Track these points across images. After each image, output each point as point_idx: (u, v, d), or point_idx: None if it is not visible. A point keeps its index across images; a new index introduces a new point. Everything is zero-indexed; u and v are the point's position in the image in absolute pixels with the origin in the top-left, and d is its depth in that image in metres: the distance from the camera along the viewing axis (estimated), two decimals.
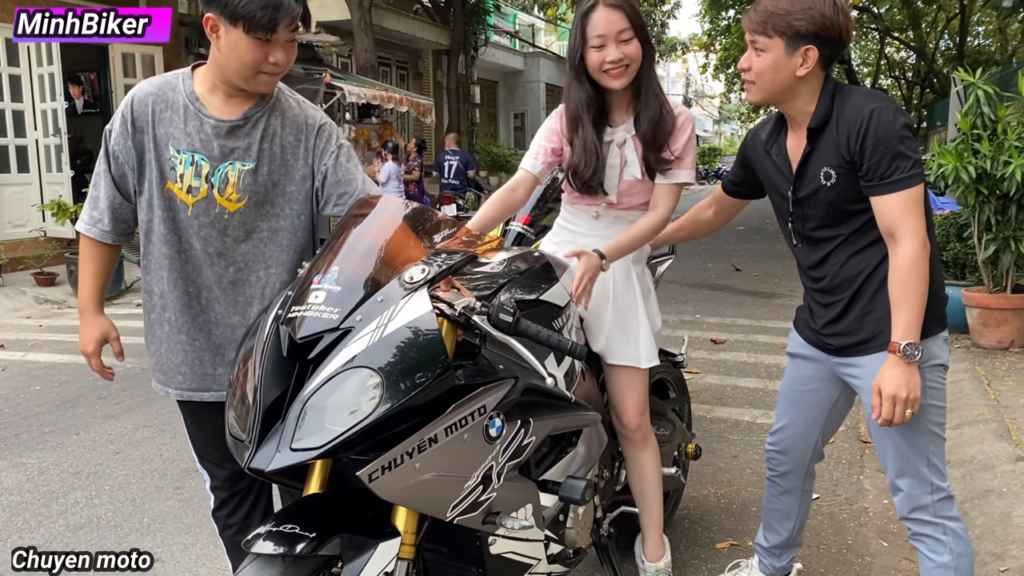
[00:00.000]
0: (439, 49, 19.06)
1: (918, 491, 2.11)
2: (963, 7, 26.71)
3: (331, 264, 1.78)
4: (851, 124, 2.02)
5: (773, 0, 2.07)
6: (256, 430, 1.60)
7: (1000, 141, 5.16)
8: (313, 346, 1.67)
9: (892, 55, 33.10)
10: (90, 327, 2.16)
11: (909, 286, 1.97)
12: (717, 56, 29.44)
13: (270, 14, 1.86)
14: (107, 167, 2.07)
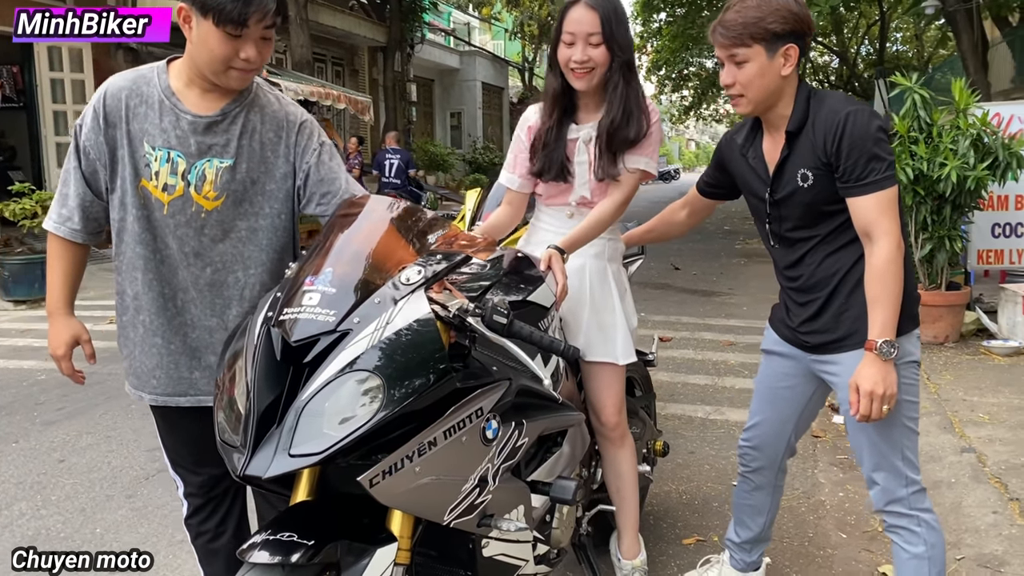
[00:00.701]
0: (375, 46, 18.87)
1: (893, 484, 2.16)
2: (883, 14, 27.59)
3: (323, 265, 1.74)
4: (827, 127, 2.06)
5: (740, 12, 2.09)
6: (251, 436, 1.56)
7: (935, 144, 5.36)
8: (308, 349, 1.63)
9: (816, 59, 34.03)
10: (60, 329, 2.06)
11: (885, 285, 2.01)
12: (649, 58, 29.85)
13: (240, 7, 1.79)
14: (77, 163, 1.98)
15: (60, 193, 2.01)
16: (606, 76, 2.37)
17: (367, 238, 1.87)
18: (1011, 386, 4.64)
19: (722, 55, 2.14)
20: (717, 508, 3.43)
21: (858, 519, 3.32)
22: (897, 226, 2.04)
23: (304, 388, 1.59)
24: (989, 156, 5.32)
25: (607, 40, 2.31)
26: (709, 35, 2.18)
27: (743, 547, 2.66)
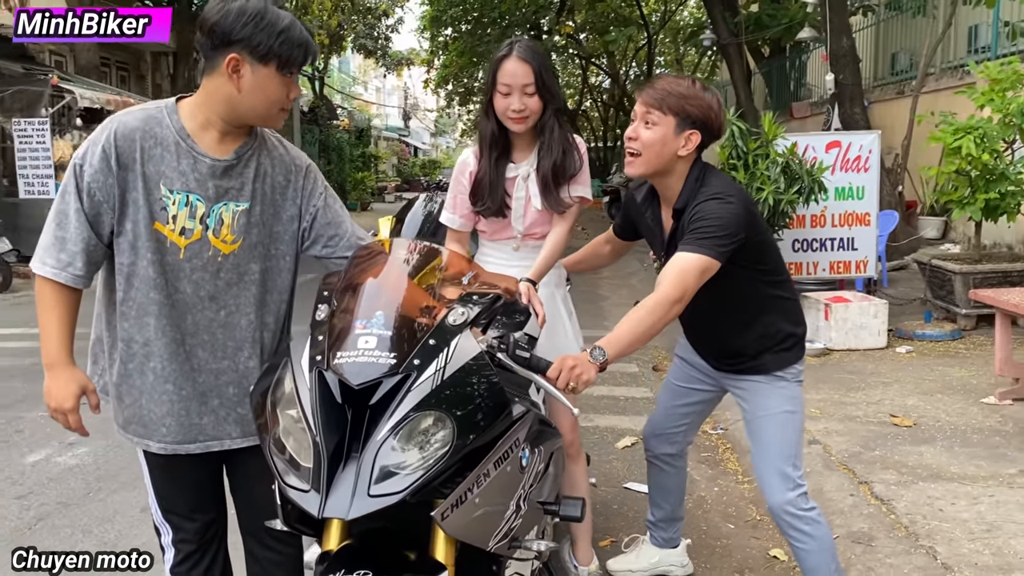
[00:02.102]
0: (159, 51, 17.84)
1: (784, 487, 2.48)
2: (650, 38, 29.82)
3: (371, 308, 1.80)
4: (692, 211, 2.31)
5: (672, 82, 2.33)
6: (323, 479, 1.60)
7: (752, 171, 6.03)
8: (368, 391, 1.68)
9: (591, 80, 36.11)
10: (66, 381, 1.96)
11: (640, 319, 2.13)
12: (437, 72, 30.39)
13: (303, 52, 1.89)
14: (79, 205, 1.89)
15: (55, 236, 1.91)
16: (541, 121, 2.60)
17: (401, 280, 1.96)
18: (827, 382, 5.34)
19: (639, 110, 2.34)
20: (617, 509, 3.72)
21: (737, 510, 3.74)
22: (679, 292, 2.16)
23: (376, 429, 1.65)
24: (796, 181, 6.06)
25: (540, 90, 2.55)
26: (636, 92, 2.42)
27: (659, 525, 3.01)
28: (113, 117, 1.95)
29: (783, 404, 2.53)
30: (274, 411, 1.76)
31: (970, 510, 3.37)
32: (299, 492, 1.65)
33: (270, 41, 1.83)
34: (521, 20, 25.48)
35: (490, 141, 2.65)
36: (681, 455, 2.94)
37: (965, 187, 6.48)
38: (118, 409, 2.05)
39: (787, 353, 2.53)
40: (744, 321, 2.49)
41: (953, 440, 4.17)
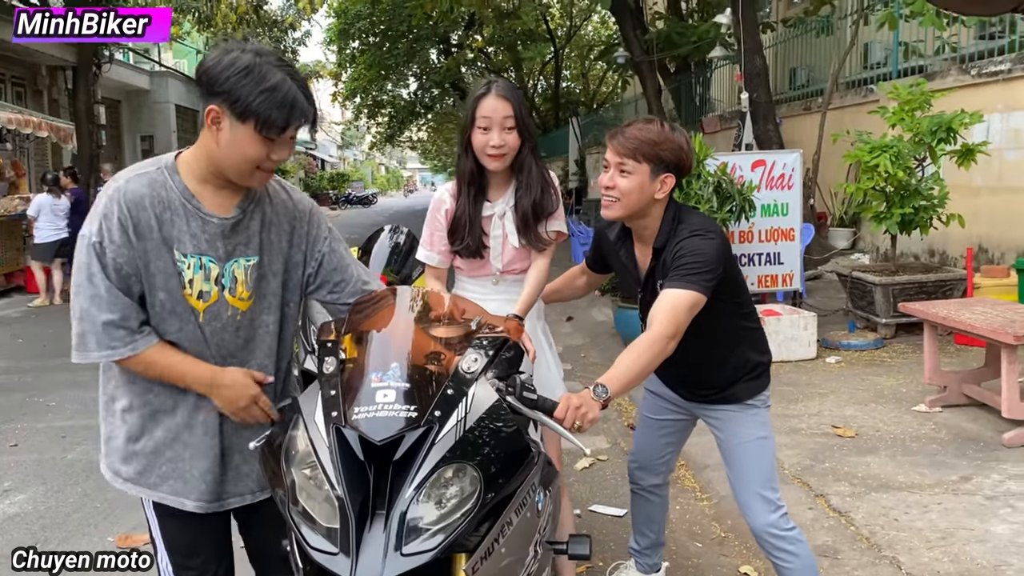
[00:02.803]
0: (55, 64, 17.09)
1: (766, 510, 2.55)
2: (557, 53, 30.25)
3: (387, 360, 1.77)
4: (673, 248, 2.37)
5: (642, 130, 2.36)
6: (353, 542, 1.57)
7: (687, 190, 6.19)
8: (389, 446, 1.65)
9: None
10: (232, 382, 1.91)
11: (639, 355, 2.17)
12: (345, 85, 30.08)
13: (285, 115, 1.78)
14: (109, 283, 1.81)
15: (105, 321, 1.82)
16: (518, 158, 2.64)
17: (409, 328, 1.95)
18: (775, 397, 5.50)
19: (612, 160, 2.38)
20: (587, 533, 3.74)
21: (701, 528, 3.82)
22: (673, 329, 2.21)
23: (403, 486, 1.62)
24: (728, 200, 6.26)
25: (519, 126, 2.58)
26: (606, 140, 2.43)
27: (644, 552, 3.06)
28: (116, 187, 1.86)
29: (757, 430, 2.61)
30: (289, 470, 1.71)
31: (923, 518, 3.54)
32: (327, 555, 1.59)
33: (250, 99, 1.74)
34: (430, 34, 25.50)
35: (468, 179, 2.66)
36: (665, 484, 3.00)
37: (881, 202, 6.81)
38: (148, 468, 1.97)
39: (756, 381, 2.62)
40: (721, 355, 2.56)
41: (895, 449, 4.37)
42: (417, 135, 40.47)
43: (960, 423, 4.73)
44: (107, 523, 3.93)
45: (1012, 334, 4.18)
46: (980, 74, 8.13)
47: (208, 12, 23.14)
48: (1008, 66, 7.80)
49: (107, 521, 3.95)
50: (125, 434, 1.97)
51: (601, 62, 24.89)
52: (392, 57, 26.78)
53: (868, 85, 10.65)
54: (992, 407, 4.71)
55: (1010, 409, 4.32)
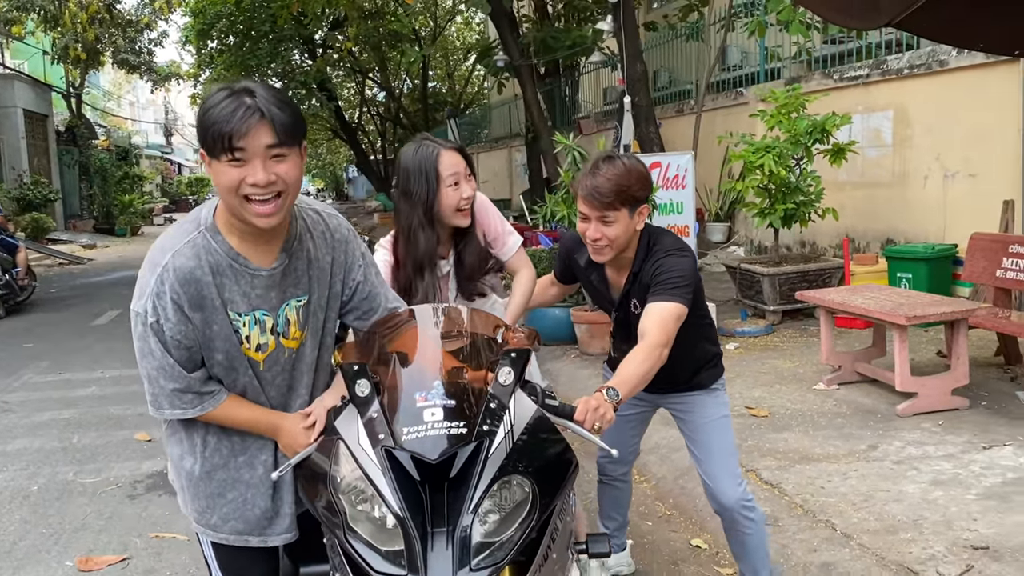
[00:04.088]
0: None
1: (735, 484, 2.77)
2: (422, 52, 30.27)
3: (428, 379, 1.81)
4: (651, 268, 2.52)
5: (610, 179, 2.42)
6: (420, 561, 1.60)
7: None
8: (441, 464, 1.67)
9: (368, 94, 36.07)
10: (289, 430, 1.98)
11: (640, 363, 2.30)
12: (203, 86, 29.04)
13: (220, 128, 1.70)
14: (172, 360, 1.85)
15: (173, 391, 1.88)
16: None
17: (437, 345, 2.00)
18: None
19: (591, 214, 2.47)
20: None
21: (647, 508, 4.11)
22: (665, 337, 2.37)
23: (464, 502, 1.65)
24: None
25: (472, 174, 2.68)
26: (579, 195, 2.48)
27: (612, 534, 3.25)
28: (163, 264, 1.83)
29: (720, 409, 2.86)
30: (338, 497, 1.72)
31: (844, 484, 3.94)
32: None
33: (202, 130, 1.75)
34: (293, 34, 25.00)
35: (435, 251, 2.65)
36: (630, 470, 3.24)
37: (765, 199, 7.36)
38: (208, 508, 2.03)
39: (715, 369, 2.88)
40: (686, 353, 2.70)
41: (806, 425, 4.80)
42: None
43: (857, 398, 5.23)
44: (59, 548, 3.83)
45: (903, 316, 4.68)
46: (842, 79, 8.88)
47: (55, 11, 21.86)
48: (866, 71, 8.56)
49: (58, 546, 3.85)
50: (189, 475, 2.02)
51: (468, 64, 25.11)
52: (254, 58, 26.08)
53: (738, 88, 11.36)
54: (883, 382, 5.24)
55: (902, 383, 4.83)
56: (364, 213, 31.78)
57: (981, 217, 6.87)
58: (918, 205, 7.97)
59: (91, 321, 9.91)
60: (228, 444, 2.00)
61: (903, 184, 8.20)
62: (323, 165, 52.51)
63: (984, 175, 7.23)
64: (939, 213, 7.73)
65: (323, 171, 54.66)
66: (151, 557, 3.71)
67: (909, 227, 8.11)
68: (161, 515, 4.18)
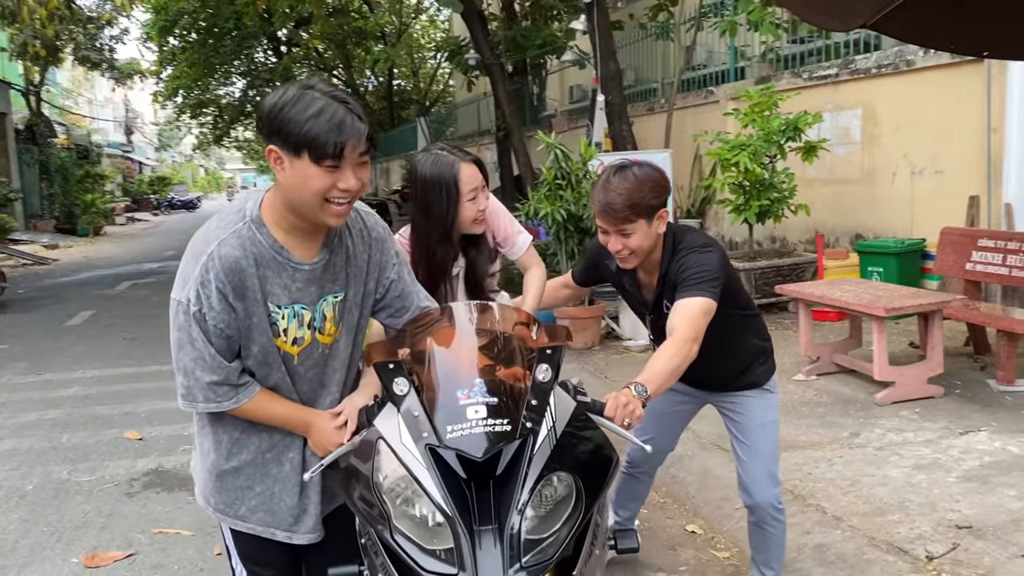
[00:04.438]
0: None
1: (771, 486, 2.83)
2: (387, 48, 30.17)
3: (468, 376, 1.80)
4: (678, 269, 2.53)
5: (621, 194, 2.44)
6: (470, 559, 1.60)
7: (578, 190, 6.63)
8: (483, 461, 1.67)
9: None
10: (321, 428, 1.99)
11: (671, 357, 2.30)
12: (166, 84, 28.68)
13: (334, 137, 1.72)
14: (212, 350, 1.85)
15: (209, 383, 1.87)
16: None
17: (473, 343, 1.99)
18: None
19: (609, 228, 2.50)
20: None
21: None
22: (694, 332, 2.36)
23: (511, 499, 1.65)
24: None
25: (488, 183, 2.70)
26: (594, 210, 2.52)
27: (624, 524, 3.35)
28: (208, 252, 1.83)
29: (770, 413, 2.88)
30: (380, 497, 1.71)
31: (831, 471, 4.10)
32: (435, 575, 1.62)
33: (298, 129, 1.72)
34: (257, 30, 24.81)
35: (450, 264, 2.70)
36: (659, 464, 3.26)
37: (740, 196, 7.54)
38: (237, 499, 2.05)
39: (766, 365, 2.87)
40: (730, 350, 2.73)
41: (790, 415, 4.96)
42: (244, 135, 39.17)
43: (836, 388, 5.41)
44: (61, 546, 3.84)
45: (883, 307, 4.86)
46: (811, 78, 9.08)
47: (13, 6, 21.47)
48: (835, 71, 8.78)
49: (60, 544, 3.86)
50: (215, 467, 2.04)
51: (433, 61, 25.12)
52: (218, 55, 25.83)
53: (707, 87, 11.55)
54: (860, 372, 5.43)
55: (881, 372, 5.01)
56: None
57: (947, 212, 7.11)
58: (886, 201, 8.20)
59: (65, 322, 9.80)
60: (257, 440, 2.01)
61: (871, 180, 8.43)
62: None
63: (950, 172, 7.47)
64: (907, 209, 7.97)
65: None
66: (157, 553, 3.74)
67: (877, 222, 8.34)
68: (162, 512, 4.20)
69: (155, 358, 7.42)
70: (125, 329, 9.14)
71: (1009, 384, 5.13)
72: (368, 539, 1.82)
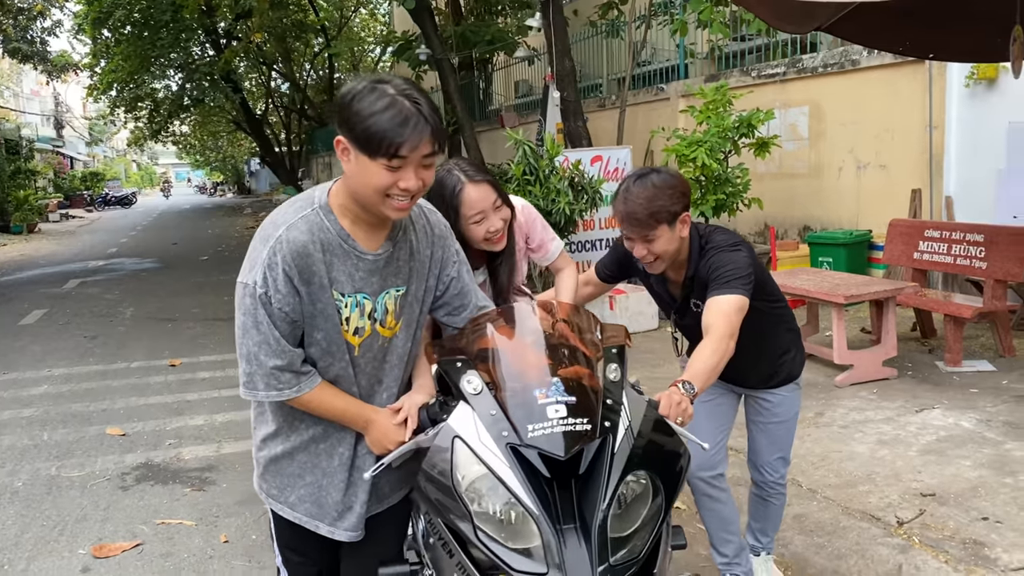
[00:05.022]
0: None
1: (783, 468, 3.01)
2: (328, 43, 30.01)
3: (545, 376, 1.80)
4: (706, 266, 2.57)
5: (642, 204, 2.46)
6: (560, 558, 1.61)
7: (547, 185, 6.82)
8: (569, 460, 1.68)
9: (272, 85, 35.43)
10: (384, 425, 1.99)
11: (713, 353, 2.33)
12: (100, 78, 27.96)
13: (393, 135, 1.72)
14: (277, 334, 1.84)
15: (272, 368, 1.86)
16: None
17: (540, 342, 1.95)
18: (633, 363, 6.27)
19: (633, 236, 2.53)
20: None
21: None
22: (730, 329, 2.40)
23: (596, 498, 1.66)
24: (582, 193, 6.96)
25: (504, 200, 2.59)
26: (617, 220, 2.53)
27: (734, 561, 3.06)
28: (277, 236, 1.84)
29: (795, 408, 2.98)
30: (460, 496, 1.70)
31: (802, 447, 4.38)
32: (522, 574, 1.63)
33: (365, 124, 1.72)
34: (194, 23, 24.38)
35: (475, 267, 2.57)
36: (724, 475, 3.01)
37: (697, 190, 7.83)
38: (288, 487, 2.06)
39: (799, 355, 2.95)
40: (764, 343, 2.78)
41: None
42: (180, 129, 38.39)
43: None
44: (65, 538, 3.90)
45: (842, 295, 5.18)
46: (760, 76, 9.45)
47: None
48: (783, 69, 9.15)
49: (64, 536, 3.92)
50: (270, 452, 2.06)
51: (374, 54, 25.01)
52: (155, 48, 25.31)
53: (658, 84, 11.86)
54: (819, 357, 5.75)
55: (840, 356, 5.33)
56: (274, 207, 31.02)
57: (891, 205, 7.53)
58: (833, 194, 8.61)
59: (18, 321, 9.60)
60: (312, 430, 2.01)
61: (819, 175, 8.83)
62: (224, 158, 51.24)
63: (893, 166, 7.89)
64: (853, 201, 8.38)
65: (224, 164, 53.33)
66: (163, 543, 3.82)
67: (824, 215, 8.75)
68: (161, 503, 4.27)
69: (120, 356, 7.40)
70: (82, 328, 9.02)
71: (956, 365, 5.51)
72: (439, 538, 1.81)
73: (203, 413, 5.82)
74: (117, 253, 17.65)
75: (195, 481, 4.58)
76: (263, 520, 3.97)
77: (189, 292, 11.37)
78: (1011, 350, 5.78)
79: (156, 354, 7.44)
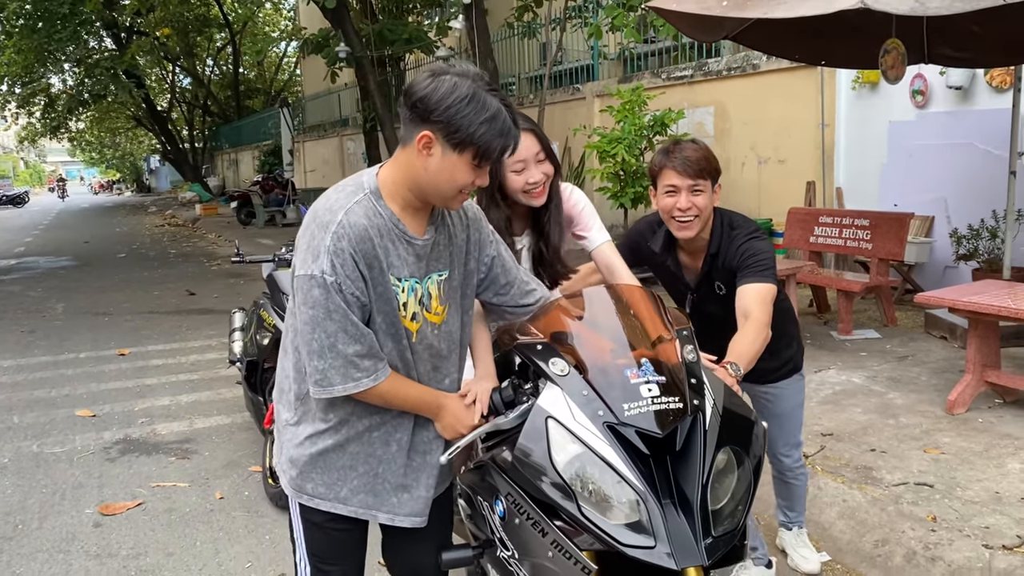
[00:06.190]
0: None
1: (797, 453, 3.13)
2: (233, 39, 29.70)
3: (634, 356, 1.84)
4: (735, 255, 2.60)
5: (696, 151, 2.54)
6: (666, 532, 1.65)
7: None
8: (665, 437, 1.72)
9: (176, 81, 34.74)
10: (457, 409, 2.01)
11: (756, 339, 2.38)
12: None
13: (501, 144, 1.79)
14: (355, 318, 1.83)
15: (352, 353, 1.83)
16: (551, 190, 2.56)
17: (616, 324, 1.99)
18: None
19: (681, 184, 2.52)
20: None
21: None
22: (768, 315, 2.45)
23: (696, 473, 1.71)
24: None
25: (549, 155, 2.53)
26: (665, 169, 2.54)
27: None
28: (337, 221, 1.82)
29: (800, 396, 3.08)
30: (559, 474, 1.71)
31: None
32: (644, 550, 1.65)
33: (470, 129, 1.75)
34: (93, 17, 23.79)
35: (505, 226, 2.56)
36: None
37: (616, 184, 8.51)
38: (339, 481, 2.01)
39: (800, 348, 3.04)
40: (778, 335, 2.69)
41: None
42: (76, 126, 37.16)
43: None
44: (67, 502, 4.21)
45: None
46: (669, 78, 10.21)
47: None
48: (690, 72, 9.93)
49: (66, 501, 4.23)
50: (317, 448, 1.99)
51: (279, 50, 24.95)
52: (51, 42, 24.58)
53: (570, 83, 12.53)
54: None
55: None
56: (179, 204, 30.63)
57: (789, 196, 8.37)
58: (737, 187, 9.42)
59: None
60: (368, 419, 1.98)
61: (724, 169, 9.41)
62: (122, 155, 49.68)
63: (790, 161, 8.74)
64: (755, 193, 9.21)
65: (122, 162, 51.66)
66: (163, 501, 4.18)
67: (730, 205, 9.32)
68: (151, 470, 4.61)
69: (65, 348, 7.56)
70: (17, 323, 9.05)
71: (847, 334, 6.32)
72: (527, 518, 1.79)
73: (167, 395, 6.11)
74: (25, 252, 17.27)
75: (178, 451, 4.91)
76: (253, 479, 4.38)
77: (116, 288, 11.45)
78: (893, 320, 6.64)
79: (102, 345, 7.62)
